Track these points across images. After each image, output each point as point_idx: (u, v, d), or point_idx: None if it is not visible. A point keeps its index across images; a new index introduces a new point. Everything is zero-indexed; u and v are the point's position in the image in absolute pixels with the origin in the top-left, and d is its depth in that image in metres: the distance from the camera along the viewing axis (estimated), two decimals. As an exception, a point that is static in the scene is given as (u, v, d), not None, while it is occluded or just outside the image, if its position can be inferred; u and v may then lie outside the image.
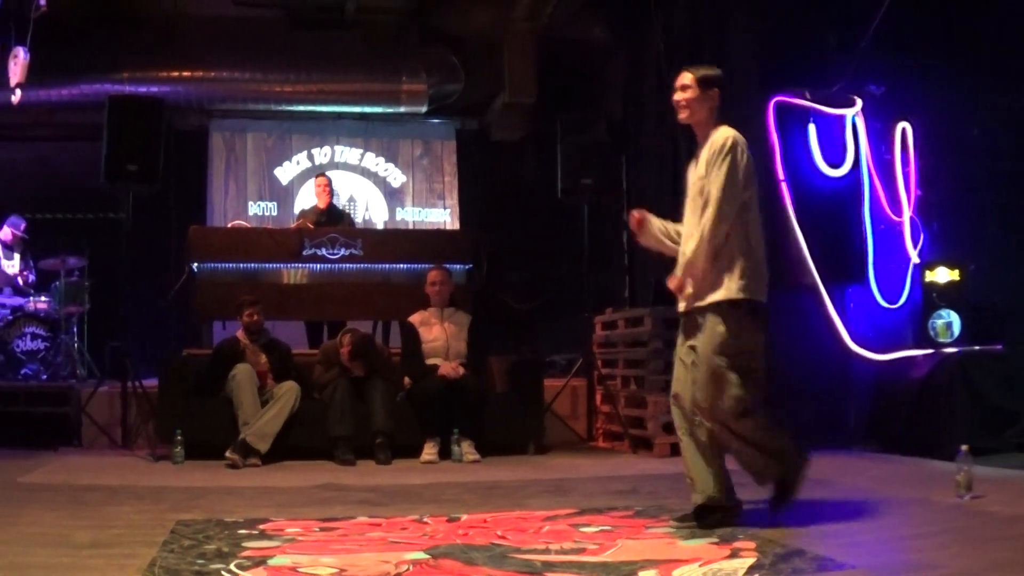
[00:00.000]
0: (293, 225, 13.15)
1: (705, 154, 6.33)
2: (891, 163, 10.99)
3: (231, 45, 16.06)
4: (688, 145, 12.40)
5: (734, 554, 5.27)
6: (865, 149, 10.97)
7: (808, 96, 11.01)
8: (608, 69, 15.78)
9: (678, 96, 6.50)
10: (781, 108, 11.00)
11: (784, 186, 10.86)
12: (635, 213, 6.90)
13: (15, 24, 11.57)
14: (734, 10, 11.84)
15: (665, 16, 12.87)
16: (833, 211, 10.99)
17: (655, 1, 12.47)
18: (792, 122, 11.01)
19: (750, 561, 5.10)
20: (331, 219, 13.11)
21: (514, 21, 15.19)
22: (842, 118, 11.03)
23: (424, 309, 10.81)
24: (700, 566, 5.03)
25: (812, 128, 10.99)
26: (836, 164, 10.97)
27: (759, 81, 11.27)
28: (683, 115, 6.54)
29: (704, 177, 6.29)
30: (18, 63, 11.48)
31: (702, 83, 6.43)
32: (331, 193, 13.49)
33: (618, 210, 15.01)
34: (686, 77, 6.47)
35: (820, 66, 11.13)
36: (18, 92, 11.80)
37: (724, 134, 6.33)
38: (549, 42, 15.61)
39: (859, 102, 11.03)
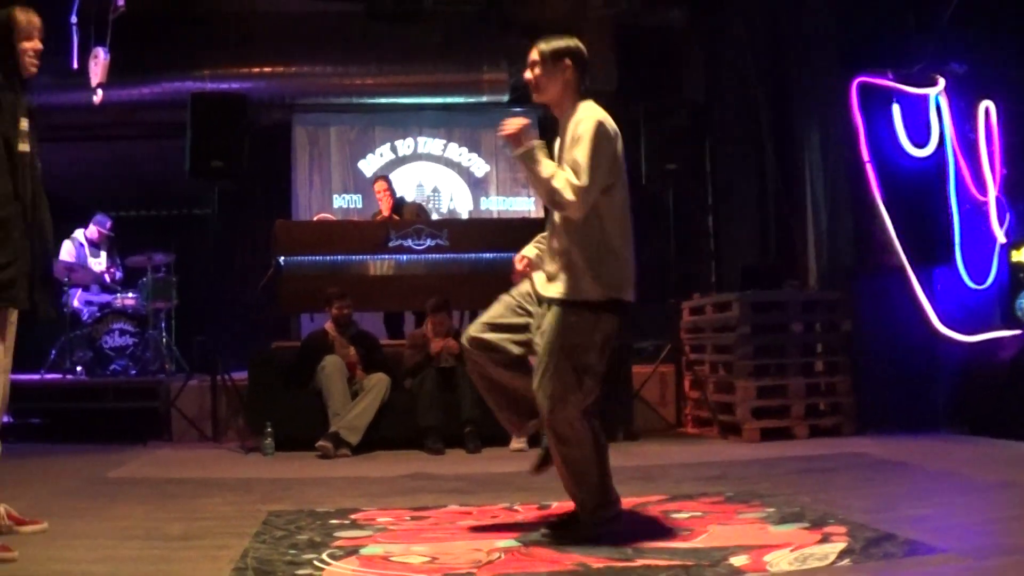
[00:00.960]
0: (381, 217, 13.12)
1: (569, 133, 5.64)
2: (975, 142, 10.85)
3: (311, 40, 16.07)
4: (771, 126, 12.35)
5: (825, 539, 5.24)
6: (949, 129, 10.84)
7: (891, 76, 10.87)
8: (688, 53, 15.66)
9: (527, 75, 5.89)
10: (864, 89, 10.90)
11: (869, 167, 10.74)
12: (517, 261, 6.12)
13: (94, 25, 11.64)
14: (814, -10, 11.74)
15: (744, -3, 12.79)
16: (919, 192, 10.87)
17: (734, -18, 12.36)
18: (875, 103, 10.91)
19: (841, 546, 5.06)
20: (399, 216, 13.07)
21: (592, 8, 15.08)
22: (925, 98, 10.90)
23: (512, 298, 10.74)
24: (791, 551, 5.01)
25: (896, 108, 10.86)
26: (921, 144, 10.85)
27: (840, 62, 11.16)
28: (535, 95, 5.92)
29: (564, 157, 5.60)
30: (99, 64, 11.52)
31: (550, 56, 5.78)
32: (392, 195, 13.46)
33: (703, 195, 14.89)
34: (533, 52, 5.84)
35: (901, 45, 11.00)
36: (99, 92, 11.84)
37: (588, 114, 5.63)
38: (628, 28, 15.50)
39: (942, 81, 10.90)
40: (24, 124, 5.76)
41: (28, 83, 5.91)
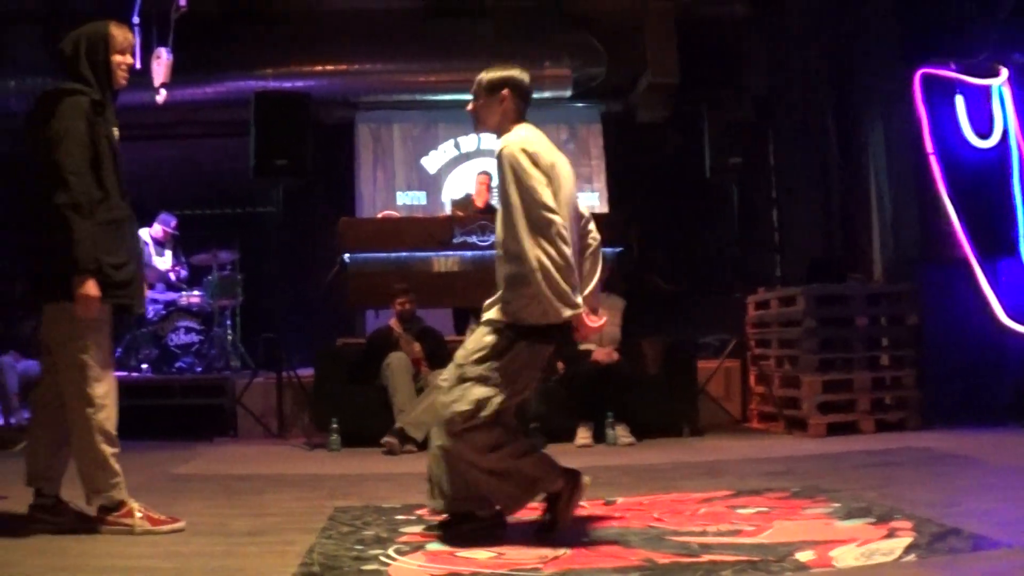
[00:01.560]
0: (445, 214, 13.11)
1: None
2: (1038, 133, 10.73)
3: (372, 37, 16.11)
4: (834, 118, 12.27)
5: (891, 534, 5.19)
6: (1012, 119, 10.74)
7: (954, 67, 10.79)
8: (750, 45, 15.62)
9: (469, 107, 6.06)
10: (927, 80, 10.83)
11: (933, 159, 10.66)
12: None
13: (157, 25, 11.71)
14: (875, -19, 11.67)
15: (807, -11, 12.72)
16: (982, 183, 10.79)
17: (796, -26, 12.29)
18: (938, 94, 10.84)
19: (907, 540, 5.02)
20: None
21: (654, 1, 15.05)
22: (988, 88, 10.80)
23: (579, 294, 10.73)
24: (857, 546, 4.97)
25: (959, 99, 10.77)
26: (984, 135, 10.76)
27: (903, 53, 11.08)
28: (476, 126, 6.12)
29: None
30: (161, 63, 11.60)
31: (487, 88, 5.91)
32: (491, 190, 13.44)
33: (767, 188, 14.82)
34: (473, 85, 5.99)
35: (964, 36, 10.91)
36: (163, 92, 11.92)
37: (506, 145, 5.64)
38: (689, 21, 15.47)
39: (1005, 71, 10.80)
40: (116, 133, 5.93)
41: (117, 94, 6.05)
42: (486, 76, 5.92)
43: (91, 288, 5.46)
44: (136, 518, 5.60)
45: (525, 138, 5.68)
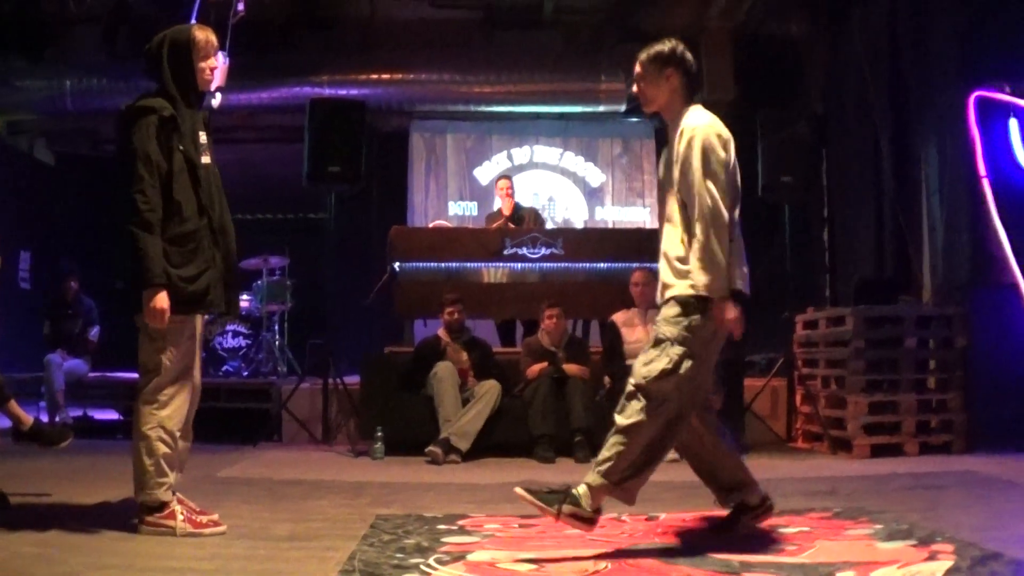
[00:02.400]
0: (488, 227, 13.13)
1: (681, 142, 5.63)
2: (1089, 158, 10.64)
3: (429, 47, 16.20)
4: (888, 139, 12.22)
5: (932, 557, 5.15)
6: (1065, 144, 10.64)
7: (1008, 90, 10.72)
8: (807, 64, 15.57)
9: (633, 88, 6.03)
10: (982, 103, 10.74)
11: (986, 182, 10.59)
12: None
13: (215, 30, 11.78)
14: (933, 2, 11.61)
15: (864, 9, 12.68)
16: (1035, 208, 10.68)
17: (854, -6, 12.25)
18: (993, 117, 10.74)
19: (948, 564, 4.98)
20: (516, 222, 13.07)
21: (711, 18, 15.06)
22: (1043, 112, 10.73)
23: (628, 308, 10.74)
24: (898, 568, 4.94)
25: (1013, 123, 10.69)
26: (1038, 160, 10.67)
27: (959, 76, 11.03)
28: (644, 106, 6.07)
29: (679, 167, 5.64)
30: (218, 68, 11.68)
31: (653, 64, 5.80)
32: (513, 196, 13.47)
33: (819, 207, 14.77)
34: (636, 64, 5.89)
35: (1020, 59, 10.82)
36: (218, 96, 11.98)
37: (693, 122, 5.67)
38: (747, 38, 15.46)
39: (1059, 95, 10.72)
40: (203, 137, 6.11)
41: (204, 96, 6.28)
42: (648, 54, 5.82)
43: (159, 301, 5.61)
44: (178, 520, 5.65)
45: (715, 121, 5.70)
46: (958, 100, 10.82)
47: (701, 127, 5.61)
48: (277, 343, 13.37)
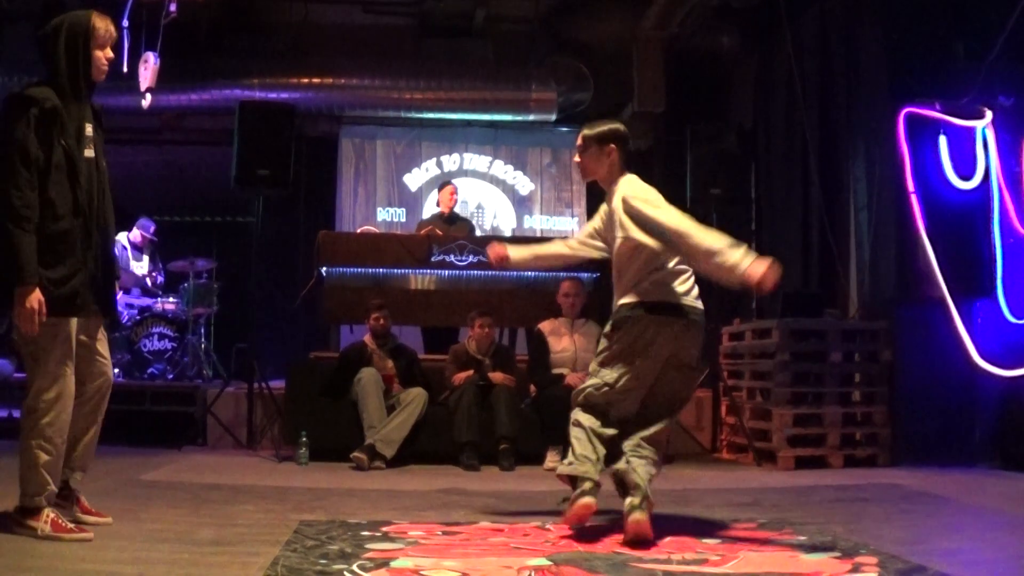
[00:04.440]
0: (418, 233, 13.12)
1: (619, 206, 6.39)
2: (1020, 176, 10.74)
3: (361, 53, 16.19)
4: (817, 153, 12.30)
5: (856, 569, 5.19)
6: (995, 162, 10.75)
7: (938, 107, 10.85)
8: (737, 78, 15.68)
9: (576, 158, 6.72)
10: (911, 119, 10.87)
11: (914, 198, 10.71)
12: (492, 252, 7.29)
13: (145, 30, 11.72)
14: (863, 19, 11.73)
15: (794, 25, 12.76)
16: (962, 224, 10.80)
17: (785, 10, 12.31)
18: (922, 133, 10.88)
19: (871, 576, 5.00)
20: (450, 223, 13.06)
21: (643, 30, 15.08)
22: (972, 130, 10.83)
23: (555, 318, 10.78)
24: (822, 580, 4.95)
25: (943, 140, 10.82)
26: (966, 176, 10.78)
27: (889, 92, 11.14)
28: (583, 176, 6.91)
29: (623, 230, 6.36)
30: (148, 68, 11.64)
31: (596, 142, 6.56)
32: (456, 202, 13.45)
33: (747, 220, 14.85)
34: (579, 138, 6.64)
35: (950, 77, 10.95)
36: (148, 96, 11.96)
37: (629, 187, 6.46)
38: (678, 51, 15.53)
39: (989, 114, 10.83)
40: (89, 129, 5.91)
41: (95, 86, 6.00)
42: (592, 131, 6.56)
43: (32, 301, 5.46)
44: (41, 523, 5.57)
45: (644, 189, 6.47)
46: (888, 116, 10.94)
47: (639, 188, 6.45)
48: (203, 346, 13.33)
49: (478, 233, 14.15)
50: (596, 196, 16.65)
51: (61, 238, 5.64)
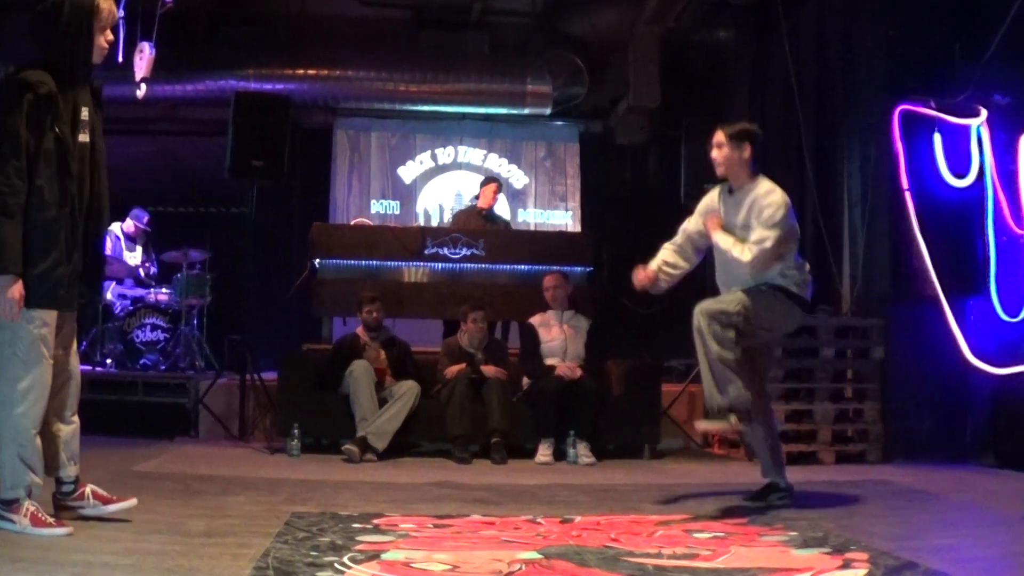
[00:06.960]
0: (450, 223, 13.09)
1: (750, 203, 7.14)
2: (1015, 174, 10.73)
3: (357, 44, 16.14)
4: (812, 149, 12.29)
5: (846, 564, 5.20)
6: (989, 160, 10.74)
7: (934, 105, 10.84)
8: (733, 73, 15.64)
9: (713, 154, 7.33)
10: (906, 116, 10.86)
11: (908, 195, 10.71)
12: (641, 276, 7.96)
13: (141, 20, 11.69)
14: (860, 15, 11.71)
15: (791, 20, 12.74)
16: (956, 222, 10.80)
17: (782, 5, 12.29)
18: (917, 131, 10.86)
19: (862, 572, 5.03)
20: (489, 221, 13.10)
21: (639, 24, 15.05)
22: (967, 128, 10.82)
23: (544, 311, 10.79)
24: (813, 575, 4.95)
25: (937, 137, 10.81)
26: (961, 174, 10.77)
27: (884, 89, 11.13)
28: (719, 170, 7.40)
29: (749, 222, 7.13)
30: (143, 58, 11.61)
31: (733, 139, 7.20)
32: (496, 200, 13.51)
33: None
34: (719, 135, 7.27)
35: (946, 74, 10.95)
36: (143, 87, 11.94)
37: (769, 189, 7.17)
38: (674, 46, 15.50)
39: (984, 112, 10.82)
40: (85, 113, 5.79)
41: (93, 69, 5.89)
42: (732, 129, 7.24)
43: (13, 291, 5.38)
44: (20, 515, 5.53)
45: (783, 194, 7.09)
46: (883, 113, 10.93)
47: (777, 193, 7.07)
48: (195, 337, 13.29)
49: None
50: (591, 191, 16.75)
51: (46, 227, 5.54)
